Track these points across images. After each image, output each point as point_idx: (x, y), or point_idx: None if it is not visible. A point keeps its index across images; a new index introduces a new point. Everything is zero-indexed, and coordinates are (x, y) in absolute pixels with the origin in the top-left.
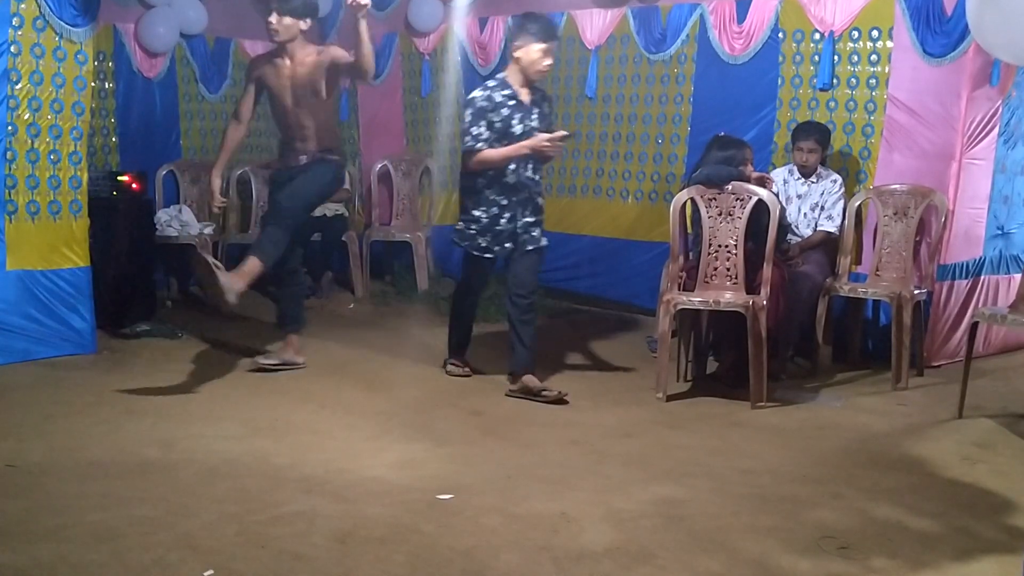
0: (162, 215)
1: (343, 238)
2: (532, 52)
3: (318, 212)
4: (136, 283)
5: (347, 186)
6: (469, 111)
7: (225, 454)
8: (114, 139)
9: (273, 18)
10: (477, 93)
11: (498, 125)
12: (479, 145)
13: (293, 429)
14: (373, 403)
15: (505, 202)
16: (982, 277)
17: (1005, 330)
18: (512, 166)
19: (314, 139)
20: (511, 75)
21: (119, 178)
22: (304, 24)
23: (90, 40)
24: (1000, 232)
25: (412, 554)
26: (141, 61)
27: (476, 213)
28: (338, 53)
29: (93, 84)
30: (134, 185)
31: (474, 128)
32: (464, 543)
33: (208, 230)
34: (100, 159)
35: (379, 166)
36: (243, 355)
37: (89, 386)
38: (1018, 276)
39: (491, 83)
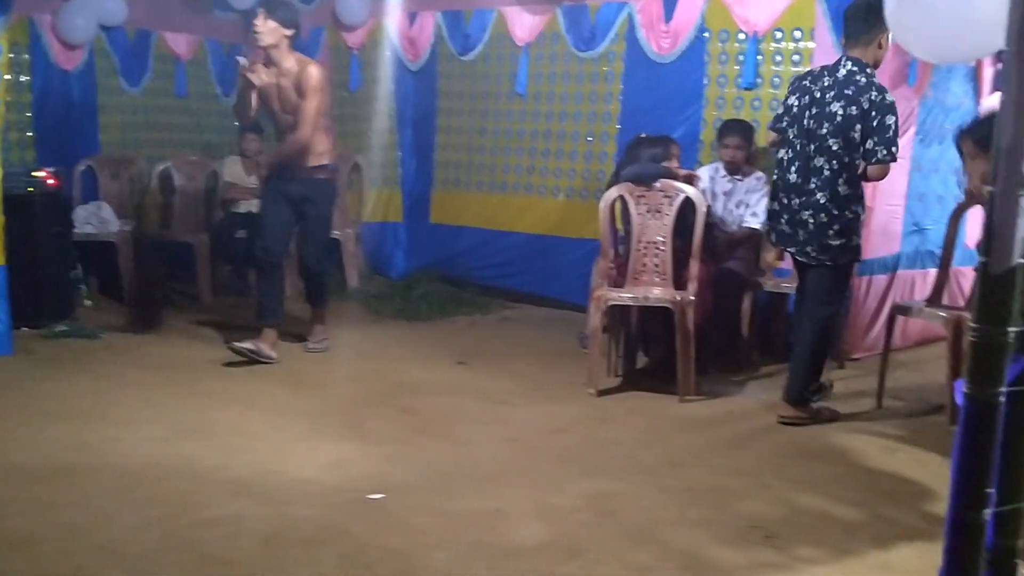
0: (80, 212)
1: None
2: (889, 42)
3: (243, 208)
4: (54, 282)
5: None
6: (894, 118)
7: (148, 457)
8: (30, 134)
9: (259, 20)
10: (892, 96)
11: None
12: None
13: (219, 431)
14: (303, 403)
15: None
16: (899, 272)
17: (922, 323)
18: None
19: (303, 147)
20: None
21: (35, 174)
22: (288, 32)
23: (4, 32)
24: (916, 228)
25: (342, 555)
26: (58, 53)
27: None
28: (310, 73)
29: (8, 77)
30: (51, 181)
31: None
32: (395, 543)
33: (128, 227)
34: (16, 154)
35: None
36: (164, 355)
37: (6, 389)
38: (933, 271)
39: (878, 80)
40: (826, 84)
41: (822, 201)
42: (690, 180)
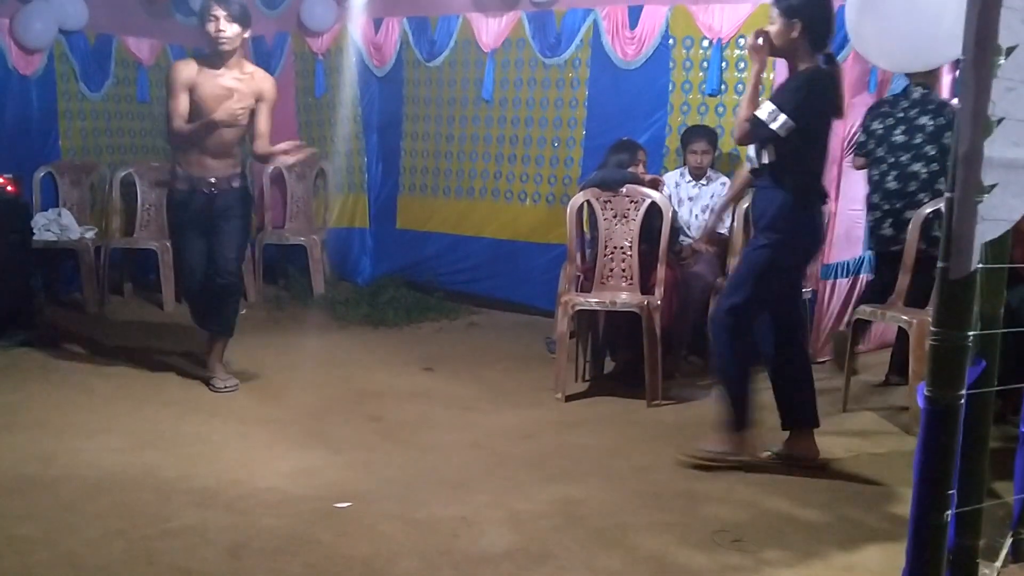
0: (40, 219)
1: None
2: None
3: None
4: (13, 290)
5: None
6: None
7: (109, 468)
8: None
9: (223, 24)
10: None
11: None
12: None
13: (182, 440)
14: (267, 411)
15: None
16: (862, 275)
17: (884, 326)
18: None
19: (227, 158)
20: None
21: None
22: (247, 35)
23: None
24: None
25: (308, 564)
26: (17, 58)
27: None
28: (267, 88)
29: None
30: (10, 188)
31: None
32: (362, 551)
33: (90, 234)
34: None
35: (271, 168)
36: (126, 365)
37: None
38: None
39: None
40: (906, 105)
41: (925, 201)
42: (655, 185)
